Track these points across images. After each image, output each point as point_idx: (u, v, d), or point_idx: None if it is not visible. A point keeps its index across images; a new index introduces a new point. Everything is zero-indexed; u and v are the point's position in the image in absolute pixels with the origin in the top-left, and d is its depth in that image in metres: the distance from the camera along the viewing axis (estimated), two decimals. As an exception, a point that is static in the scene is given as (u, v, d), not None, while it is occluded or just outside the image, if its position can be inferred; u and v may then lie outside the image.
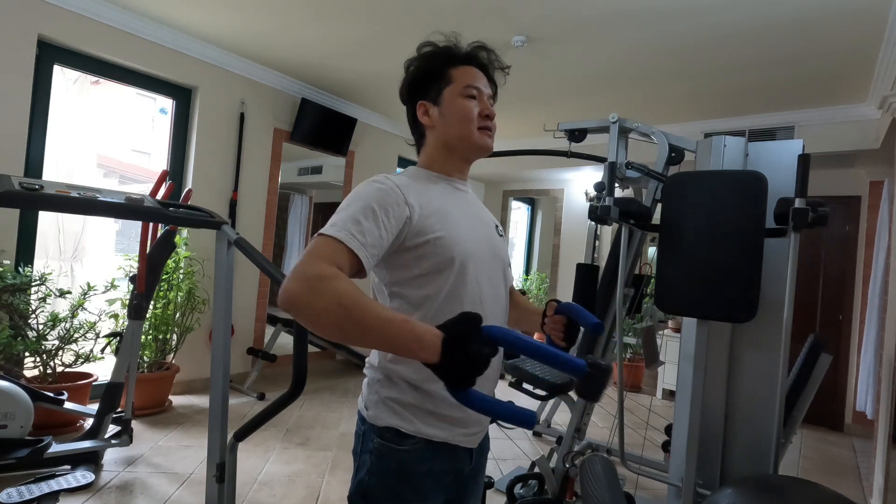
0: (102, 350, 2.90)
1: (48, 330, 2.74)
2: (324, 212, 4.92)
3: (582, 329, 1.00)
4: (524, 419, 0.70)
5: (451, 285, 0.91)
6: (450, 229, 0.92)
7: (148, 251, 2.40)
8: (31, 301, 2.73)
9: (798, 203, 1.51)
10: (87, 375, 2.93)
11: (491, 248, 1.00)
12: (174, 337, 3.40)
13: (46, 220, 3.81)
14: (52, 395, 2.43)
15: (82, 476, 2.16)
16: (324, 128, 4.34)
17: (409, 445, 0.91)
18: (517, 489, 2.27)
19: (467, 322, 0.72)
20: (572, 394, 2.67)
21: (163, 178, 2.37)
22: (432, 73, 1.01)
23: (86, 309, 2.88)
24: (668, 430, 2.31)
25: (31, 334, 2.69)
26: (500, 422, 0.88)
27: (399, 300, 0.93)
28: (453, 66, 1.01)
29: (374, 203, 0.84)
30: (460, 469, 0.99)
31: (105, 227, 5.04)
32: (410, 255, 0.90)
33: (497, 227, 1.07)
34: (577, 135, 2.54)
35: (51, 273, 2.82)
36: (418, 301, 0.92)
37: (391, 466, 0.91)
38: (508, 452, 3.08)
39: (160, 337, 3.31)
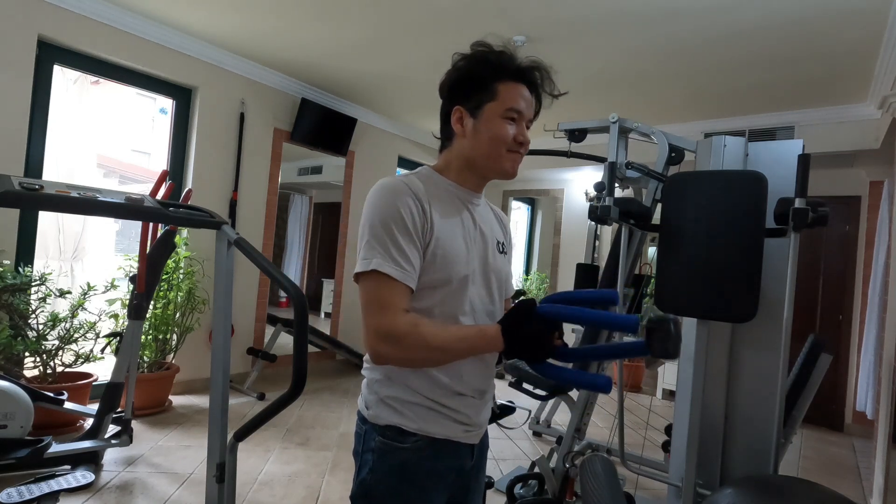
0: (102, 350, 2.90)
1: (48, 330, 2.74)
2: (324, 212, 4.92)
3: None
4: (599, 385, 0.83)
5: (446, 302, 0.92)
6: (450, 247, 0.91)
7: (148, 251, 2.40)
8: (31, 301, 2.73)
9: (798, 203, 1.51)
10: (87, 375, 2.93)
11: (487, 266, 0.99)
12: (174, 337, 3.39)
13: (46, 220, 3.81)
14: (52, 395, 2.43)
15: (82, 476, 2.16)
16: (324, 128, 4.34)
17: (412, 443, 0.91)
18: (517, 489, 2.27)
19: (519, 310, 0.85)
20: (572, 394, 2.67)
21: (163, 178, 2.37)
22: (478, 81, 0.95)
23: (86, 309, 2.88)
24: (668, 430, 2.31)
25: (31, 334, 2.69)
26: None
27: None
28: (501, 80, 0.94)
29: (408, 219, 0.87)
30: (462, 466, 0.99)
31: (105, 227, 5.04)
32: (425, 264, 0.91)
33: (500, 244, 1.04)
34: (577, 135, 2.54)
35: (51, 273, 2.82)
36: (419, 312, 0.90)
37: (393, 465, 0.91)
38: (508, 452, 3.08)
39: (160, 337, 3.31)
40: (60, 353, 2.80)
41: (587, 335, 2.43)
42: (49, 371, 2.78)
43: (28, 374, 2.78)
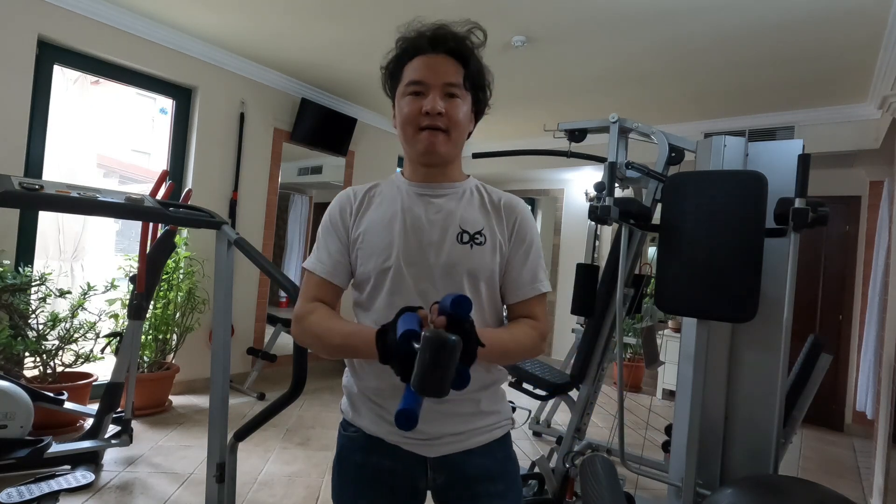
0: (102, 350, 2.90)
1: (48, 330, 2.74)
2: (324, 212, 4.91)
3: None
4: (398, 421, 0.65)
5: (375, 296, 0.91)
6: (371, 241, 0.91)
7: (148, 251, 2.40)
8: (31, 301, 2.73)
9: (798, 203, 1.51)
10: (87, 375, 2.93)
11: (429, 259, 0.88)
12: (174, 337, 3.39)
13: (46, 220, 3.81)
14: (52, 395, 2.43)
15: (82, 476, 2.16)
16: (324, 128, 4.34)
17: (351, 433, 0.95)
18: (517, 489, 2.27)
19: (398, 315, 0.73)
20: (572, 394, 2.67)
21: (163, 178, 2.37)
22: (392, 73, 0.94)
23: (86, 309, 2.88)
24: (668, 430, 2.31)
25: (31, 334, 2.69)
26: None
27: (356, 307, 0.97)
28: (407, 62, 0.91)
29: (330, 220, 0.95)
30: (410, 474, 0.90)
31: (105, 227, 5.04)
32: (353, 265, 0.94)
33: (468, 234, 0.90)
34: (577, 135, 2.54)
35: (51, 273, 2.82)
36: (362, 307, 0.94)
37: (337, 451, 0.97)
38: (508, 452, 3.08)
39: (160, 337, 3.31)
40: (60, 353, 2.80)
41: (587, 337, 2.43)
42: (49, 371, 2.78)
43: (28, 374, 2.78)
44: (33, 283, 2.72)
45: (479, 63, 0.94)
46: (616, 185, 2.17)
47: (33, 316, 2.72)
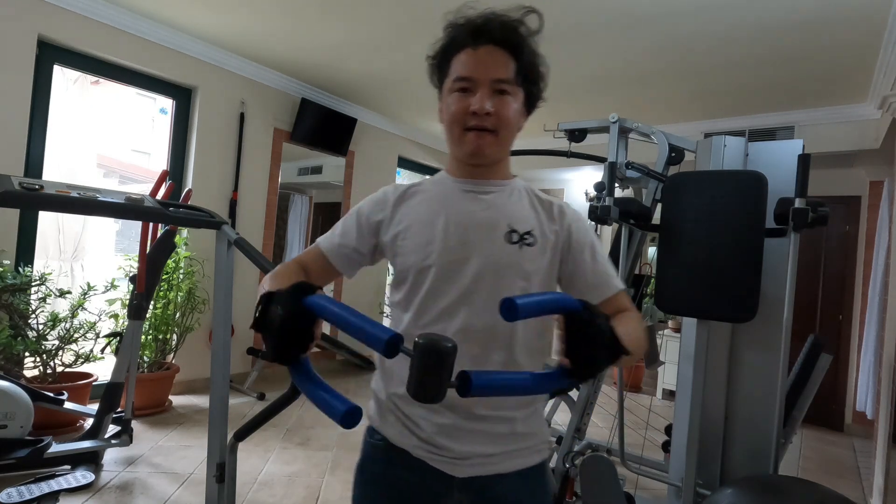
0: (102, 350, 2.90)
1: (48, 330, 2.74)
2: (324, 212, 4.92)
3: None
4: (337, 412, 0.57)
5: (413, 295, 0.86)
6: (417, 237, 0.86)
7: (148, 251, 2.40)
8: (31, 301, 2.73)
9: (798, 203, 1.51)
10: (87, 375, 2.93)
11: (472, 259, 0.83)
12: (174, 337, 3.39)
13: (46, 220, 3.81)
14: (52, 395, 2.43)
15: (82, 476, 2.16)
16: (324, 128, 4.33)
17: (376, 440, 0.89)
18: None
19: (292, 287, 0.64)
20: (572, 394, 2.67)
21: (163, 178, 2.37)
22: (439, 65, 0.88)
23: (86, 309, 2.88)
24: (668, 430, 2.31)
25: (31, 334, 2.69)
26: None
27: (394, 307, 0.92)
28: (455, 54, 0.84)
29: (358, 210, 0.93)
30: (438, 493, 0.84)
31: (105, 227, 5.04)
32: (391, 261, 0.91)
33: (518, 233, 0.85)
34: (577, 135, 2.54)
35: (51, 273, 2.82)
36: (401, 306, 0.89)
37: (361, 457, 0.92)
38: (508, 452, 3.08)
39: (160, 337, 3.31)
40: (60, 353, 2.80)
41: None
42: (49, 371, 2.78)
43: (28, 374, 2.78)
44: (33, 283, 2.72)
45: (533, 53, 0.86)
46: (616, 185, 2.17)
47: (33, 316, 2.72)
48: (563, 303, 0.64)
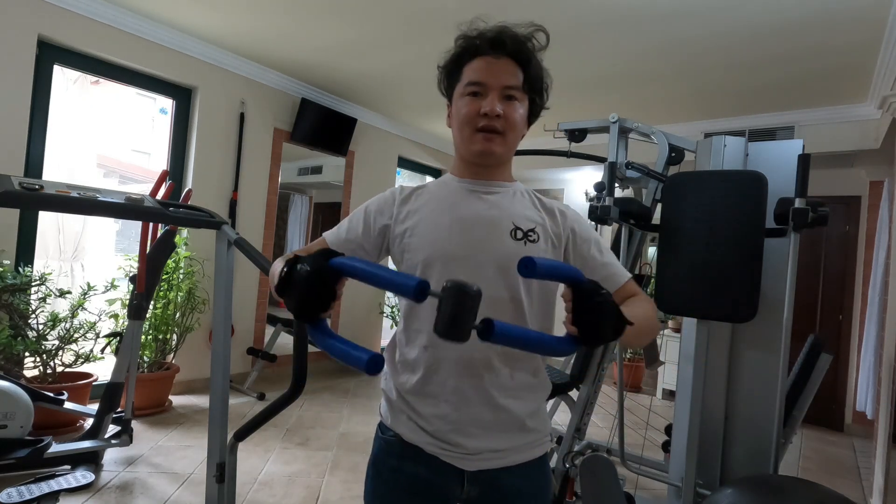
0: (102, 350, 2.90)
1: (48, 330, 2.74)
2: (324, 212, 4.92)
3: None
4: (358, 361, 0.59)
5: None
6: (424, 235, 0.89)
7: (148, 251, 2.40)
8: (31, 301, 2.73)
9: (798, 203, 1.51)
10: (87, 375, 2.93)
11: (479, 255, 0.87)
12: (174, 337, 3.39)
13: (46, 220, 3.81)
14: (52, 395, 2.43)
15: (82, 476, 2.16)
16: (324, 128, 4.34)
17: (388, 437, 0.93)
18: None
19: (317, 254, 0.66)
20: (572, 394, 2.67)
21: (163, 178, 2.37)
22: (451, 71, 0.94)
23: (86, 309, 2.88)
24: (668, 430, 2.31)
25: (31, 334, 2.69)
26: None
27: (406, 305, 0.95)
28: (468, 61, 0.91)
29: (365, 207, 0.97)
30: (449, 487, 0.89)
31: (105, 227, 5.04)
32: (397, 258, 0.94)
33: (521, 231, 0.90)
34: (577, 135, 2.54)
35: (51, 273, 2.82)
36: (406, 305, 0.93)
37: (373, 453, 0.96)
38: (508, 452, 3.08)
39: (160, 337, 3.31)
40: (60, 353, 2.80)
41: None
42: (49, 371, 2.78)
43: (28, 374, 2.78)
44: (33, 283, 2.72)
45: (539, 67, 0.94)
46: (616, 185, 2.17)
47: (33, 316, 2.72)
48: (573, 272, 0.70)
